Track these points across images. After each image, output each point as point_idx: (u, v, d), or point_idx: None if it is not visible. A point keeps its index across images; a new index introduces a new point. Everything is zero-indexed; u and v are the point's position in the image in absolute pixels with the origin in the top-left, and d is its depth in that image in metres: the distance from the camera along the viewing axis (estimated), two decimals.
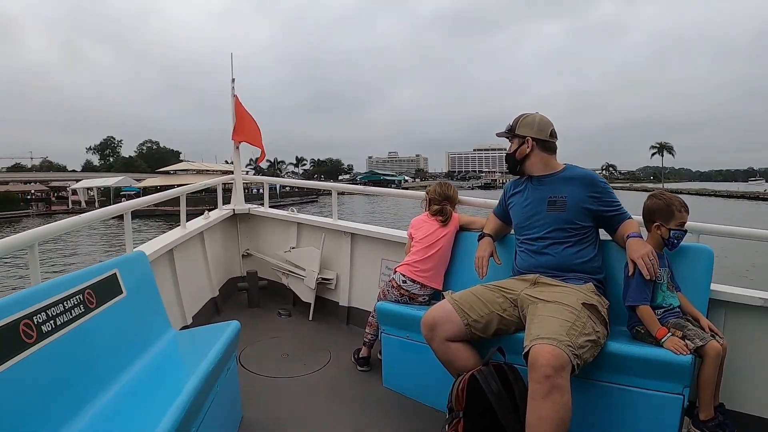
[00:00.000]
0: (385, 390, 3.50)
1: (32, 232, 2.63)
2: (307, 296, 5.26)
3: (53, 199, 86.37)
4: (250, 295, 5.61)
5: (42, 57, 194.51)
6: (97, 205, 71.68)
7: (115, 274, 2.81)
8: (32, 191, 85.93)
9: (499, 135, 3.26)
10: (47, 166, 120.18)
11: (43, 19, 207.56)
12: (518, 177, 3.24)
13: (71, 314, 2.30)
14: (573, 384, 2.25)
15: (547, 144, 3.06)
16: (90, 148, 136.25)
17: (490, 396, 2.48)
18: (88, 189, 78.81)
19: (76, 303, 2.36)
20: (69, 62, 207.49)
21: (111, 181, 78.31)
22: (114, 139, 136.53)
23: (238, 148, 5.98)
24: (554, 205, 2.94)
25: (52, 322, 2.15)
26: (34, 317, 2.06)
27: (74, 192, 79.56)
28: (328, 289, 5.25)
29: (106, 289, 2.67)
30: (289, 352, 4.29)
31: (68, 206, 75.71)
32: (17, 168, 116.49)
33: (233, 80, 5.84)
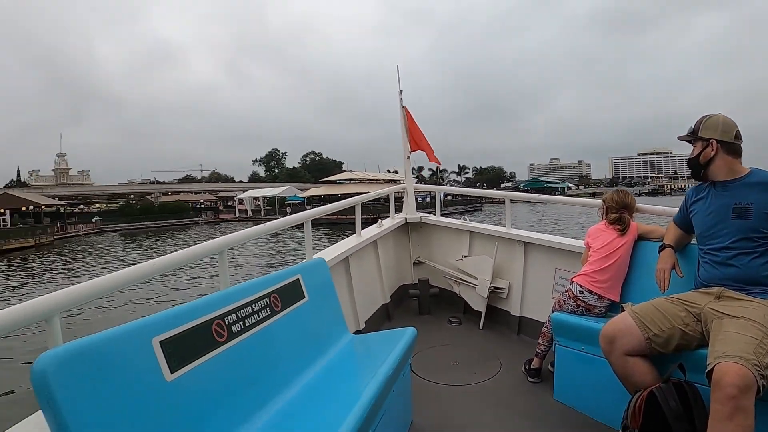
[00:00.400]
0: (555, 403, 3.42)
1: (223, 239, 2.75)
2: (479, 305, 5.23)
3: (221, 208, 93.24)
4: (421, 302, 5.66)
5: (209, 79, 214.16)
6: (262, 214, 76.57)
7: (298, 279, 2.95)
8: (201, 201, 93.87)
9: (680, 138, 3.07)
10: (216, 177, 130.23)
11: (207, 46, 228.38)
12: (700, 182, 3.03)
13: (258, 316, 2.44)
14: (756, 407, 2.09)
15: (733, 146, 2.84)
16: (256, 161, 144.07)
17: (668, 415, 2.36)
18: (254, 198, 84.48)
19: (263, 306, 2.51)
20: (234, 82, 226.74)
21: (276, 191, 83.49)
22: (278, 151, 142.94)
23: (408, 157, 6.12)
24: (739, 212, 2.73)
25: (241, 323, 2.29)
26: (226, 318, 2.20)
27: (241, 201, 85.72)
28: (500, 298, 5.20)
29: (290, 293, 2.82)
30: (460, 360, 4.27)
31: (235, 215, 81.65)
32: (188, 179, 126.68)
33: (401, 92, 5.94)
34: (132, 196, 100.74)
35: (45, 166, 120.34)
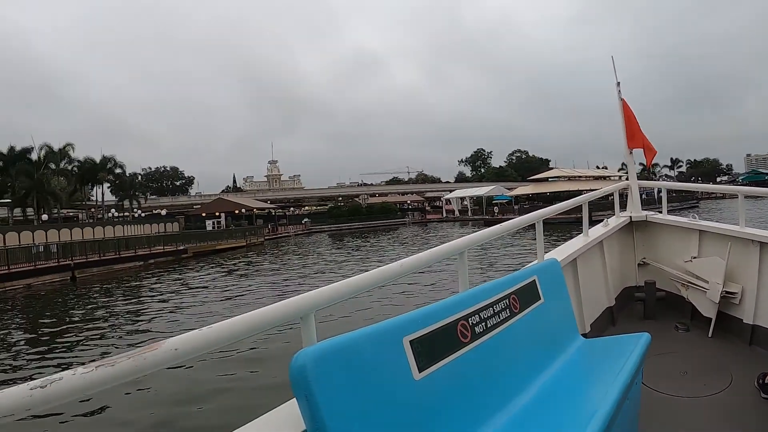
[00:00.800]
0: None
1: (462, 241, 2.71)
2: (708, 310, 4.93)
3: (428, 208, 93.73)
4: (646, 306, 5.45)
5: (411, 82, 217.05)
6: (469, 214, 75.20)
7: (534, 281, 2.93)
8: (408, 202, 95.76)
9: None
10: (422, 178, 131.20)
11: (406, 50, 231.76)
12: None
13: (499, 318, 2.43)
14: None
15: None
16: (462, 161, 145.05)
17: None
18: (460, 198, 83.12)
19: (503, 307, 2.50)
20: (435, 84, 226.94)
21: (482, 190, 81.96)
22: (484, 150, 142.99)
23: (631, 153, 5.92)
24: None
25: (483, 324, 2.30)
26: (470, 319, 2.23)
27: (448, 201, 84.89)
28: (732, 304, 4.80)
29: (528, 295, 2.79)
30: (688, 370, 4.03)
31: (442, 215, 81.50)
32: (395, 181, 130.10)
33: (618, 84, 5.75)
34: (340, 198, 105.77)
35: (259, 173, 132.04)
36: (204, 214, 66.82)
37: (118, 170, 64.33)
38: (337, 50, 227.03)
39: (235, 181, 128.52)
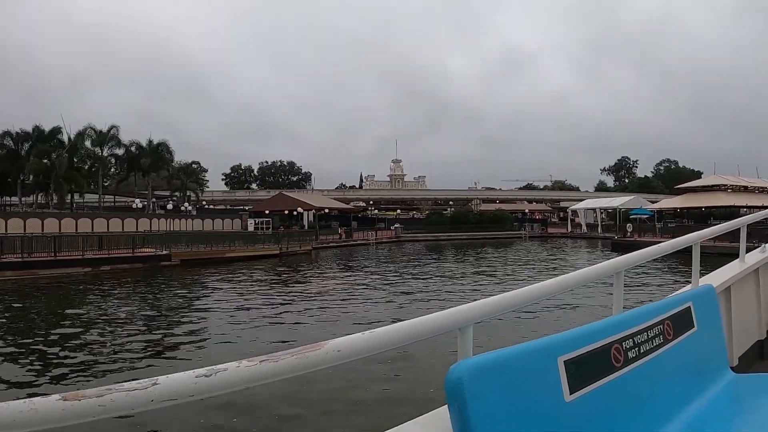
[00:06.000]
0: None
1: (618, 261, 2.63)
2: None
3: (554, 220, 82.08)
4: None
5: (561, 84, 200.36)
6: (599, 230, 62.72)
7: (689, 307, 2.87)
8: (526, 210, 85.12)
9: None
10: (559, 186, 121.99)
11: (557, 49, 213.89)
12: None
13: (652, 344, 2.39)
14: None
15: None
16: (604, 169, 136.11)
17: None
18: (590, 210, 70.16)
19: (656, 333, 2.45)
20: (587, 86, 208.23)
21: (617, 201, 68.45)
22: (629, 159, 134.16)
23: None
24: None
25: (636, 349, 2.27)
26: (623, 343, 2.20)
27: (575, 213, 72.32)
28: None
29: (681, 321, 2.73)
30: None
31: (567, 229, 69.26)
32: (529, 187, 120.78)
33: None
34: (451, 202, 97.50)
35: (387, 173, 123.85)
36: (246, 210, 59.84)
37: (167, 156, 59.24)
38: (484, 50, 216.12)
39: (362, 180, 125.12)
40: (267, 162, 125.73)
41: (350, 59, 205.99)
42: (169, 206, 57.56)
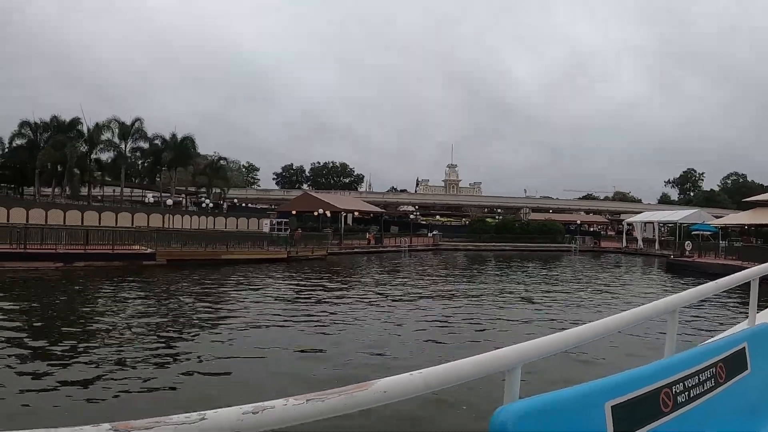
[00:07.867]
0: None
1: (673, 299, 2.56)
2: None
3: (611, 232, 77.77)
4: None
5: (630, 93, 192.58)
6: (657, 246, 58.36)
7: (744, 348, 2.76)
8: (578, 221, 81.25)
9: None
10: (620, 197, 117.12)
11: (627, 56, 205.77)
12: None
13: (703, 387, 2.32)
14: None
15: None
16: (668, 182, 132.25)
17: None
18: (648, 224, 65.79)
19: (708, 376, 2.38)
20: (657, 95, 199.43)
21: (677, 215, 63.25)
22: (695, 171, 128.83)
23: None
24: None
25: (686, 393, 2.21)
26: (674, 387, 2.14)
27: (630, 226, 68.09)
28: None
29: (734, 363, 2.65)
30: None
31: (621, 243, 65.00)
32: (588, 198, 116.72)
33: None
34: (499, 209, 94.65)
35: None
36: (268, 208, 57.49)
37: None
38: (550, 56, 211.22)
39: (417, 184, 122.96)
40: (319, 163, 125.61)
41: (416, 64, 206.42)
42: (206, 203, 57.06)
